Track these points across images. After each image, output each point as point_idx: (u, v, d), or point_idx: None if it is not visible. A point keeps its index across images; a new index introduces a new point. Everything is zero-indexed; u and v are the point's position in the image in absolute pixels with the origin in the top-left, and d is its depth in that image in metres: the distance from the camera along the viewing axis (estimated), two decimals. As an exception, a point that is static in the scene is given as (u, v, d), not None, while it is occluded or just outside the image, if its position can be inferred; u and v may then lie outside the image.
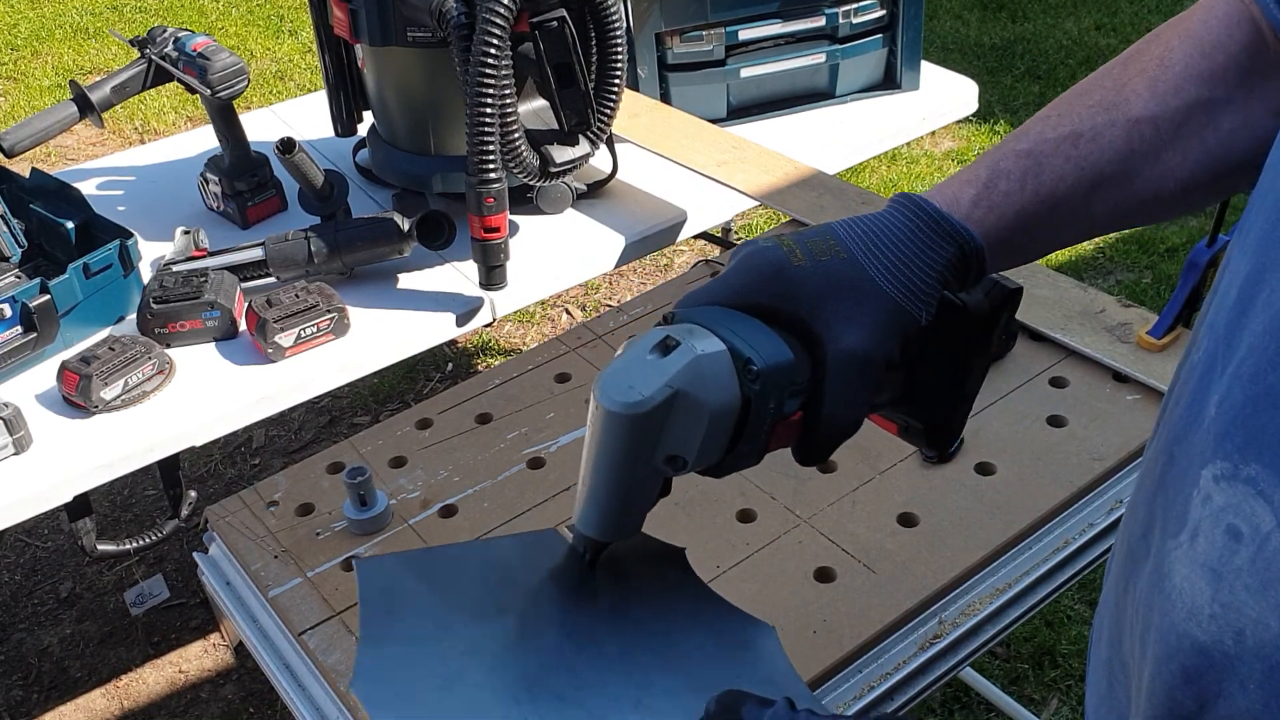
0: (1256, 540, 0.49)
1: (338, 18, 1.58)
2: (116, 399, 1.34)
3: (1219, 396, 0.52)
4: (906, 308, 0.66)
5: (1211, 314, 0.56)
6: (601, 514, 0.64)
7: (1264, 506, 0.48)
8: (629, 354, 0.60)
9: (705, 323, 0.62)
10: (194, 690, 2.14)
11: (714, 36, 1.88)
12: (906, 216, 0.67)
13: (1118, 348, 1.32)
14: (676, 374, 0.59)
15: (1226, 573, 0.50)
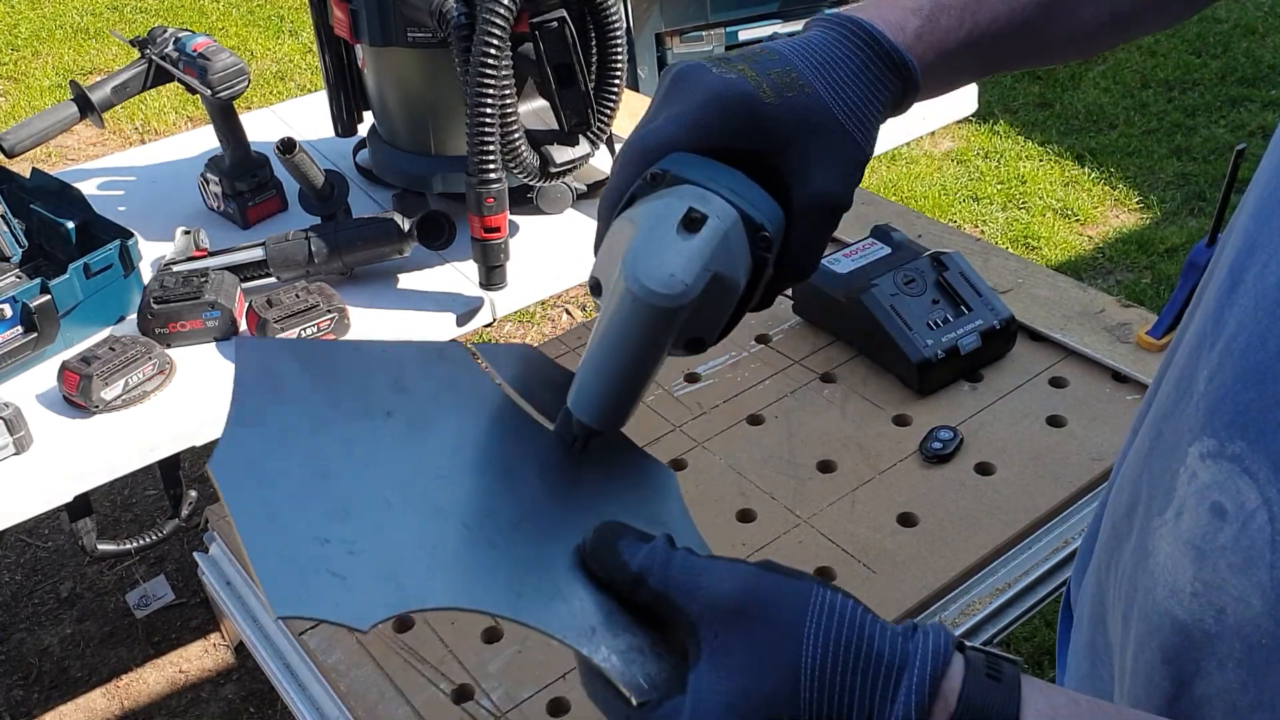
0: (1241, 518, 0.48)
1: (338, 18, 1.58)
2: (117, 399, 1.34)
3: (1208, 373, 0.51)
4: (864, 147, 0.61)
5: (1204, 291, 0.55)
6: (610, 404, 0.59)
7: (1249, 484, 0.47)
8: (654, 232, 0.54)
9: (705, 183, 0.56)
10: (194, 690, 2.14)
11: (714, 37, 1.88)
12: (860, 46, 0.61)
13: (1117, 348, 1.32)
14: (712, 256, 0.54)
15: (1210, 550, 0.50)
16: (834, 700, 0.46)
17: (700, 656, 0.48)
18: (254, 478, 0.51)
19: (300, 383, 0.56)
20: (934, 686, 0.46)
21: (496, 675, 1.02)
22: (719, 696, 0.47)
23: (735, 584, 0.49)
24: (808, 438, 1.25)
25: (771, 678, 0.47)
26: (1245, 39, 4.00)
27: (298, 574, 0.48)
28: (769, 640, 0.47)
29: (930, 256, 1.34)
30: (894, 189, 3.42)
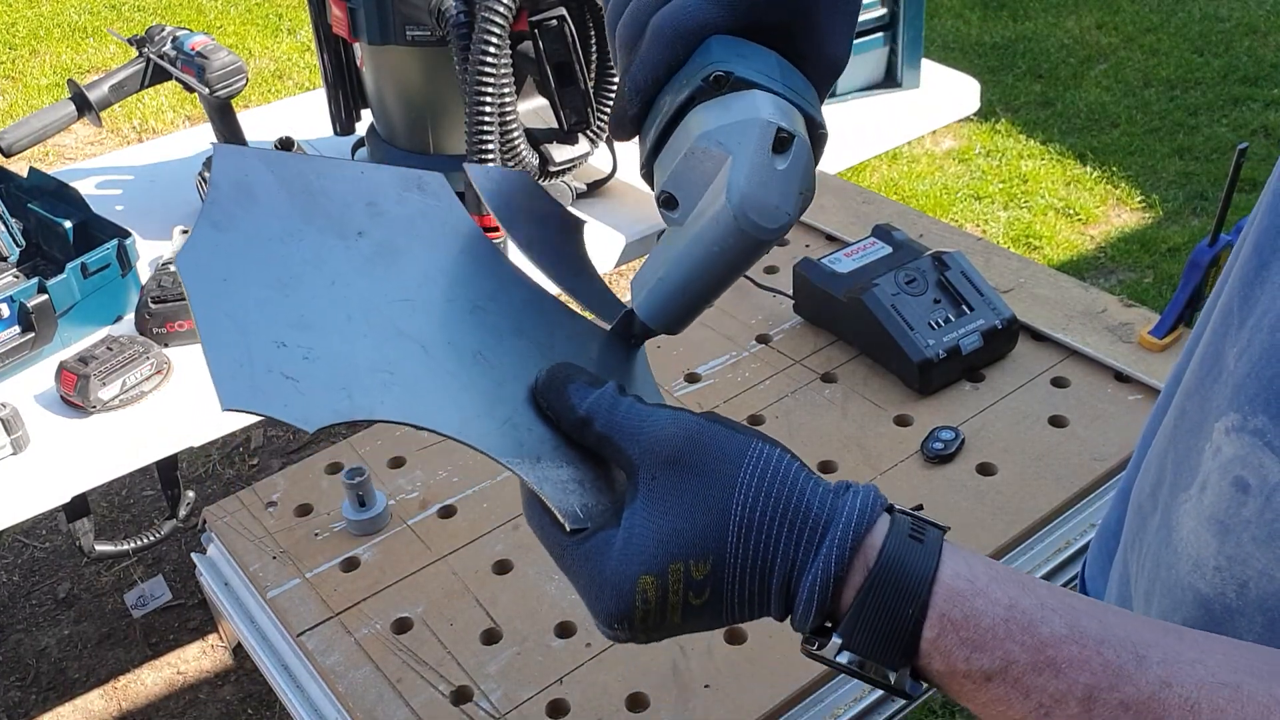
0: (1264, 492, 0.48)
1: (336, 16, 1.57)
2: (114, 399, 1.33)
3: (1237, 350, 0.51)
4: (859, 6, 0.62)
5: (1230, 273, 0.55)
6: (683, 314, 0.59)
7: (1271, 458, 0.48)
8: (755, 162, 0.54)
9: (771, 85, 0.56)
10: (192, 691, 2.13)
11: (714, 35, 1.88)
12: None
13: (1119, 348, 1.31)
14: (803, 176, 0.55)
15: (1233, 525, 0.49)
16: (760, 548, 0.48)
17: (637, 496, 0.50)
18: (219, 278, 0.52)
19: (274, 193, 0.56)
20: (856, 542, 0.47)
21: (495, 677, 1.01)
22: (650, 533, 0.49)
23: (676, 431, 0.50)
24: (808, 438, 1.24)
25: (702, 521, 0.48)
26: (1247, 38, 4.00)
27: (251, 372, 0.50)
28: (703, 486, 0.49)
29: (932, 256, 1.33)
30: (895, 188, 3.41)
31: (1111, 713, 0.43)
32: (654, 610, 0.49)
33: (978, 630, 0.45)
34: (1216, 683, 0.43)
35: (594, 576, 0.50)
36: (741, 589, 0.49)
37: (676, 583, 0.49)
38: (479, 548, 1.15)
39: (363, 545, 1.16)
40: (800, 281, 1.41)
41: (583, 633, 1.05)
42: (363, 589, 1.11)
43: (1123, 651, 0.44)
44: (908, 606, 0.46)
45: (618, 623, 0.50)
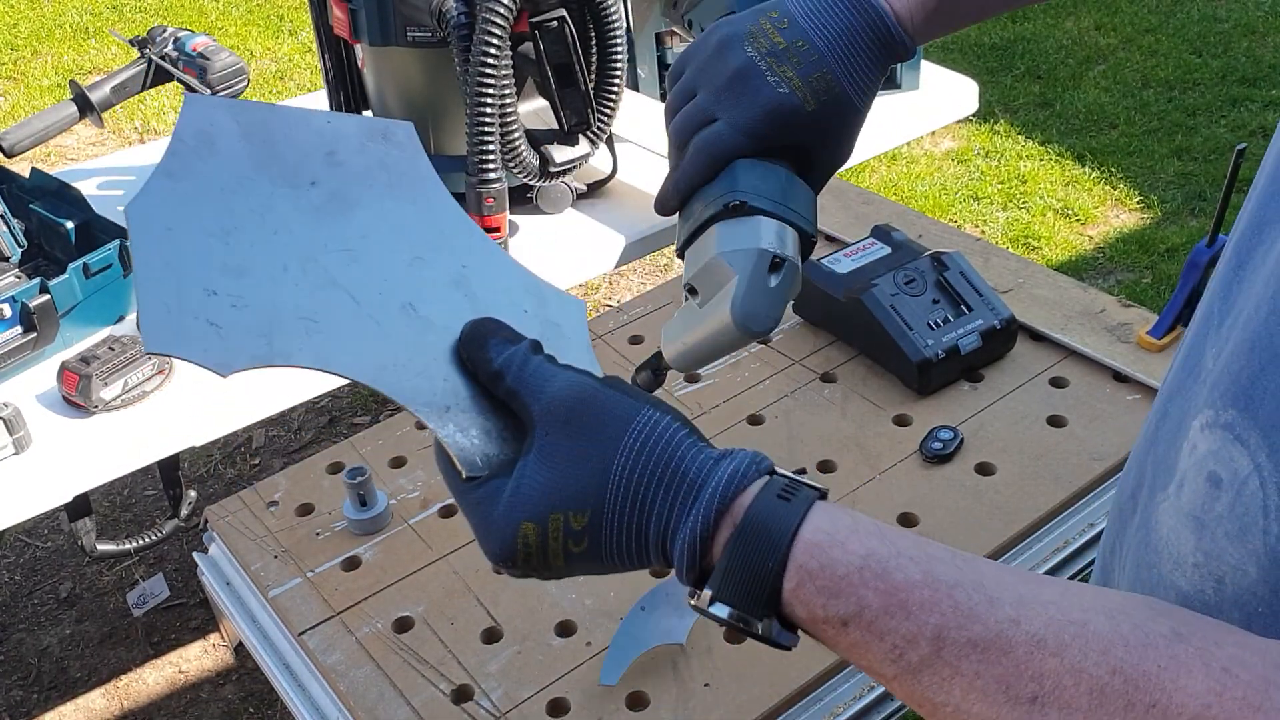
0: (1235, 486, 0.49)
1: (337, 17, 1.57)
2: (116, 399, 1.34)
3: (1215, 350, 0.52)
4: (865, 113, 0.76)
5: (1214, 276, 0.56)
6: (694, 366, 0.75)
7: (1240, 451, 0.48)
8: (753, 283, 0.69)
9: (774, 211, 0.71)
10: (194, 690, 2.14)
11: (714, 36, 1.88)
12: (873, 30, 0.72)
13: (1118, 348, 1.31)
14: (789, 290, 0.70)
15: (1208, 520, 0.51)
16: (636, 506, 0.52)
17: (531, 449, 0.54)
18: (164, 226, 0.54)
19: (233, 143, 0.57)
20: (724, 504, 0.51)
21: (496, 676, 1.02)
22: (537, 485, 0.53)
23: (573, 392, 0.54)
24: (808, 438, 1.24)
25: (584, 476, 0.53)
26: (1246, 39, 4.00)
27: (178, 318, 0.52)
28: (590, 444, 0.53)
29: (931, 256, 1.34)
30: (894, 189, 3.42)
31: (960, 650, 0.45)
32: (535, 553, 0.54)
33: (833, 579, 0.48)
34: (1065, 620, 0.45)
35: (484, 519, 0.55)
36: (618, 542, 0.53)
37: (556, 531, 0.53)
38: (479, 547, 1.15)
39: (364, 544, 1.17)
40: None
41: (583, 632, 1.06)
42: (364, 588, 1.12)
43: (975, 594, 0.46)
44: (768, 560, 0.49)
45: (503, 562, 0.54)
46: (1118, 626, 0.44)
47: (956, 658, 0.45)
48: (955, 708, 0.46)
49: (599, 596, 1.09)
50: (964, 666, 0.45)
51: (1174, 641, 0.43)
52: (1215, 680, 0.42)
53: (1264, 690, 0.41)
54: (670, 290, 1.55)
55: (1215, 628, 0.45)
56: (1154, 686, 0.42)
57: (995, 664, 0.45)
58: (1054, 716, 0.43)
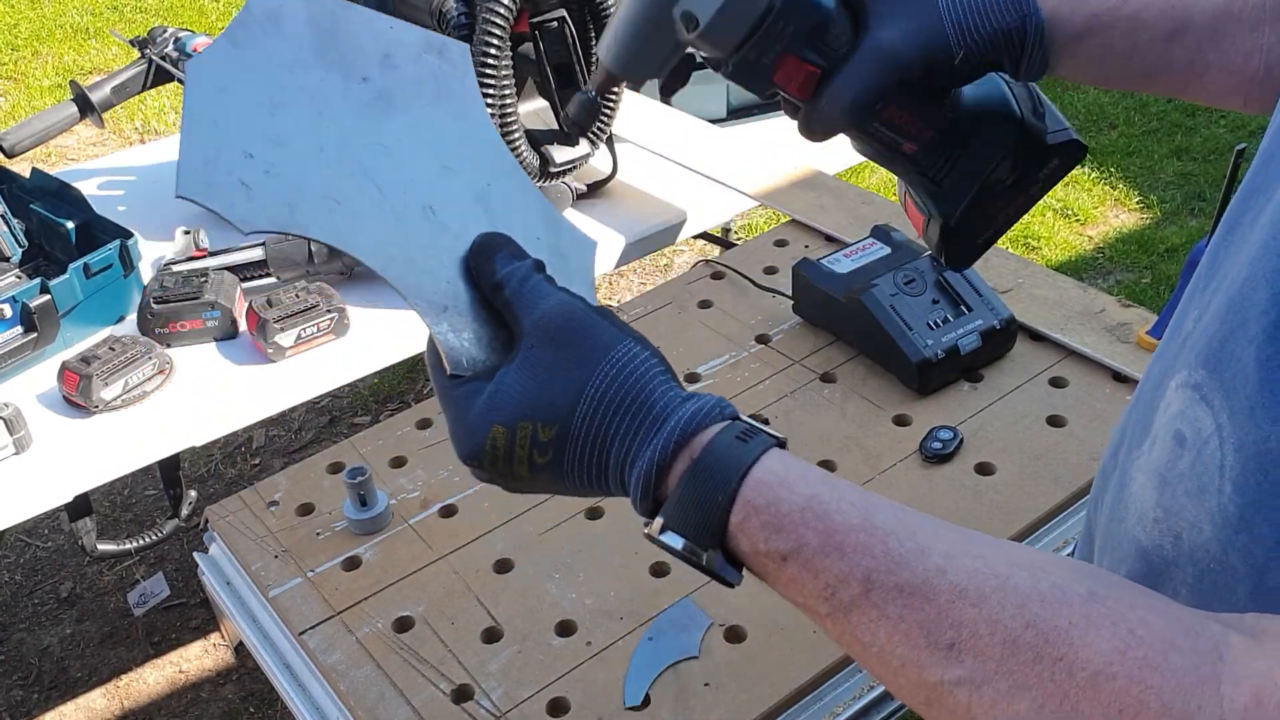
0: (1197, 445, 0.50)
1: (338, 18, 1.57)
2: (117, 399, 1.34)
3: (1198, 312, 0.53)
4: (949, 36, 0.68)
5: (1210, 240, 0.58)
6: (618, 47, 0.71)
7: (1205, 411, 0.50)
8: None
9: None
10: (194, 690, 2.14)
11: (714, 36, 1.88)
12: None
13: (1117, 348, 1.32)
14: None
15: (1170, 477, 0.53)
16: (601, 429, 0.55)
17: (515, 359, 0.57)
18: (218, 87, 0.57)
19: (298, 26, 0.60)
20: (684, 438, 0.53)
21: (496, 675, 1.02)
22: (513, 394, 0.56)
23: (564, 311, 0.57)
24: (808, 438, 1.25)
25: (558, 392, 0.55)
26: (1245, 39, 4.00)
27: (212, 170, 0.56)
28: (569, 364, 0.56)
29: (930, 256, 1.34)
30: (894, 189, 3.42)
31: (887, 594, 0.48)
32: (502, 457, 0.56)
33: (777, 515, 0.51)
34: (988, 573, 0.47)
35: (459, 417, 0.58)
36: (580, 460, 0.56)
37: (524, 439, 0.56)
38: (480, 547, 1.16)
39: (364, 544, 1.17)
40: (800, 282, 1.42)
41: (583, 631, 1.06)
42: (364, 588, 1.12)
43: (907, 543, 0.49)
44: (718, 493, 0.52)
45: (470, 460, 0.57)
46: (1038, 583, 0.46)
47: (884, 600, 0.48)
48: (880, 649, 0.49)
49: (599, 596, 1.09)
50: (890, 610, 0.48)
51: (1088, 601, 0.45)
52: (1121, 640, 0.44)
53: (1164, 652, 0.43)
54: (670, 290, 1.55)
55: (1131, 591, 0.47)
56: (1063, 641, 0.44)
57: (919, 610, 0.47)
58: (969, 663, 0.46)
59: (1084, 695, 0.44)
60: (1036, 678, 0.45)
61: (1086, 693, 0.43)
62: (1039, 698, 0.44)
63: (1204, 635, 0.44)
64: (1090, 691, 0.43)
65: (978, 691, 0.46)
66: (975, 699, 0.46)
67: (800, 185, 1.69)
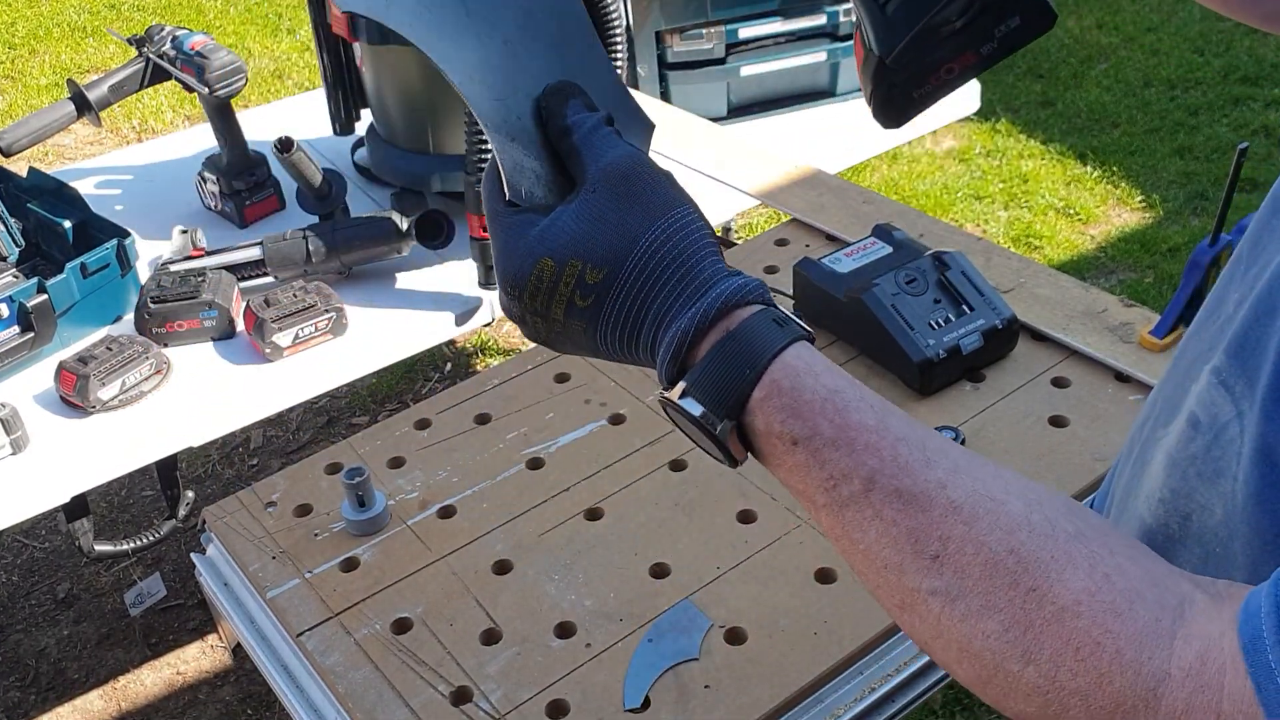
0: (1214, 429, 0.51)
1: (336, 16, 1.57)
2: (114, 399, 1.33)
3: (1239, 295, 0.54)
4: None
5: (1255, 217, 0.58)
6: None
7: (1224, 397, 0.51)
8: None
9: None
10: (192, 691, 2.13)
11: (714, 35, 1.88)
12: None
13: (1120, 348, 1.31)
14: None
15: (1180, 459, 0.53)
16: (647, 284, 0.55)
17: (575, 200, 0.57)
18: None
19: None
20: (723, 309, 0.54)
21: (495, 677, 1.01)
22: (568, 231, 0.56)
23: (632, 163, 0.57)
24: (809, 438, 1.24)
25: (613, 238, 0.55)
26: (1247, 38, 4.00)
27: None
28: (629, 213, 0.56)
29: (932, 256, 1.33)
30: (895, 188, 3.41)
31: (886, 497, 0.49)
32: (544, 291, 0.56)
33: (798, 400, 0.52)
34: (985, 495, 0.49)
35: (510, 242, 0.58)
36: (619, 310, 0.56)
37: (571, 277, 0.56)
38: (479, 548, 1.15)
39: (362, 545, 1.16)
40: (800, 281, 1.41)
41: (582, 633, 1.05)
42: (362, 589, 1.11)
43: (915, 453, 0.50)
44: (747, 367, 0.53)
45: (513, 286, 0.57)
46: (1030, 514, 0.48)
47: (881, 502, 0.49)
48: (868, 547, 0.50)
49: (599, 598, 1.08)
50: (885, 512, 0.49)
51: (1073, 540, 0.47)
52: (1094, 582, 0.46)
53: (1130, 601, 0.45)
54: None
55: (1115, 538, 0.48)
56: (1040, 573, 0.46)
57: (912, 517, 0.49)
58: (948, 577, 0.48)
59: (1048, 627, 0.45)
60: (1008, 603, 0.46)
61: (1051, 625, 0.45)
62: (1006, 621, 0.46)
63: (1171, 591, 0.46)
64: (1055, 625, 0.45)
65: (951, 605, 0.48)
66: (947, 611, 0.48)
67: (801, 184, 1.69)
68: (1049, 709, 0.46)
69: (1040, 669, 0.46)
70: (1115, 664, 0.44)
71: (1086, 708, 0.45)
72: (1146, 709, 0.43)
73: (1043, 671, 0.46)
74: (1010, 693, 0.47)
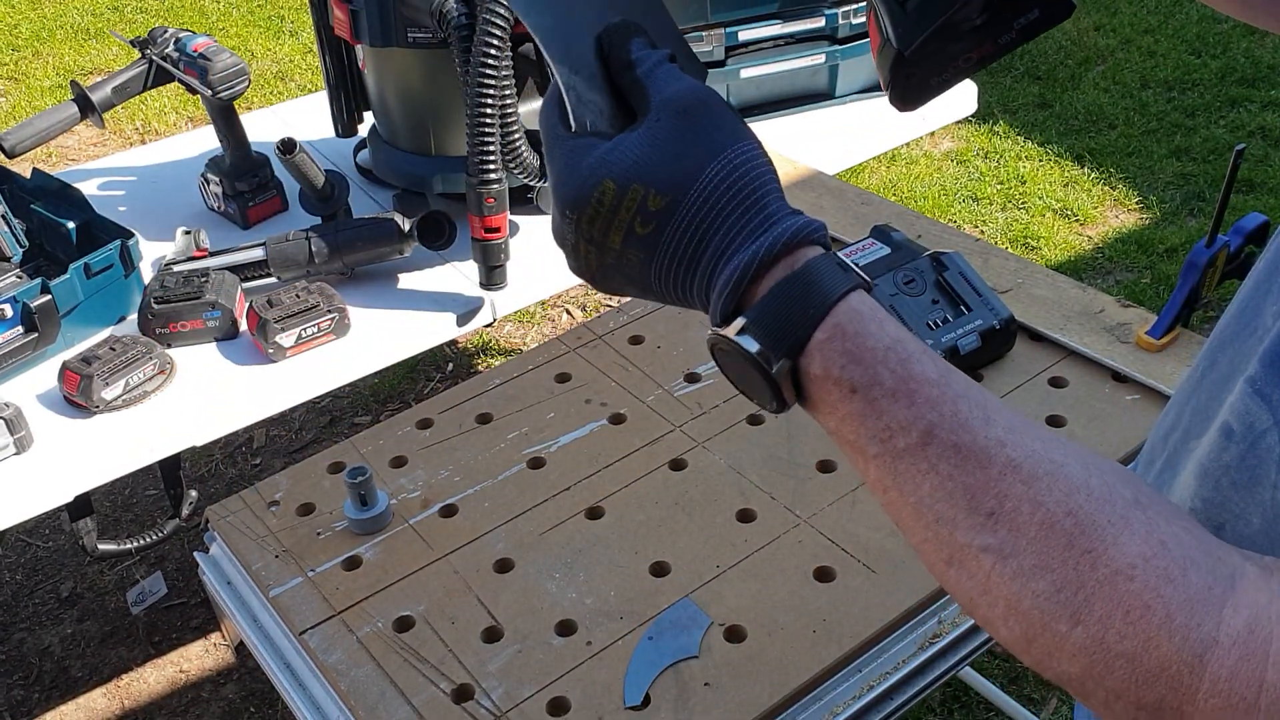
0: (1250, 438, 0.51)
1: (338, 18, 1.58)
2: (117, 399, 1.34)
3: (1277, 307, 0.53)
4: None
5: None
6: None
7: (1260, 406, 0.51)
8: None
9: None
10: (195, 690, 2.14)
11: (714, 37, 1.88)
12: None
13: (1117, 348, 1.32)
14: None
15: (1213, 469, 0.53)
16: (711, 214, 0.54)
17: (638, 129, 0.56)
18: None
19: None
20: (789, 244, 0.53)
21: (496, 675, 1.02)
22: (632, 155, 0.55)
23: (698, 94, 0.56)
24: (808, 438, 1.25)
25: (679, 166, 0.54)
26: (1245, 39, 4.00)
27: None
28: (694, 141, 0.55)
29: (930, 256, 1.34)
30: (893, 189, 3.42)
31: (943, 451, 0.49)
32: (604, 214, 0.55)
33: (861, 347, 0.51)
34: (1045, 456, 0.48)
35: (571, 164, 0.56)
36: (679, 240, 0.54)
37: (633, 201, 0.54)
38: (480, 547, 1.16)
39: (364, 544, 1.17)
40: (799, 282, 1.42)
41: (583, 631, 1.06)
42: (364, 588, 1.12)
43: (975, 410, 0.50)
44: (811, 306, 0.51)
45: (571, 208, 0.56)
46: (1089, 478, 0.48)
47: (938, 456, 0.49)
48: (919, 500, 0.50)
49: (599, 596, 1.09)
50: (941, 466, 0.49)
51: (1131, 506, 0.47)
52: (1150, 548, 0.46)
53: (1184, 569, 0.45)
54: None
55: (1170, 509, 0.48)
56: (1096, 536, 0.46)
57: (970, 473, 0.48)
58: (1002, 534, 0.48)
59: (1100, 589, 0.45)
60: (1061, 563, 0.46)
61: (1103, 587, 0.45)
62: (1058, 581, 0.46)
63: (1224, 561, 0.46)
64: (1107, 587, 0.45)
65: (1003, 562, 0.47)
66: (998, 568, 0.48)
67: (800, 185, 1.69)
68: (1093, 670, 0.46)
69: (1089, 630, 0.46)
70: (1164, 628, 0.44)
71: (1131, 670, 0.45)
72: (1191, 674, 0.44)
73: (1090, 633, 0.46)
74: (1055, 653, 0.47)
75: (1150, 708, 0.45)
